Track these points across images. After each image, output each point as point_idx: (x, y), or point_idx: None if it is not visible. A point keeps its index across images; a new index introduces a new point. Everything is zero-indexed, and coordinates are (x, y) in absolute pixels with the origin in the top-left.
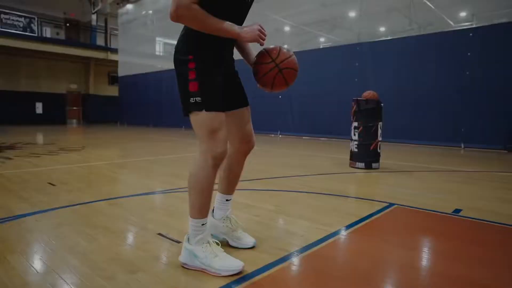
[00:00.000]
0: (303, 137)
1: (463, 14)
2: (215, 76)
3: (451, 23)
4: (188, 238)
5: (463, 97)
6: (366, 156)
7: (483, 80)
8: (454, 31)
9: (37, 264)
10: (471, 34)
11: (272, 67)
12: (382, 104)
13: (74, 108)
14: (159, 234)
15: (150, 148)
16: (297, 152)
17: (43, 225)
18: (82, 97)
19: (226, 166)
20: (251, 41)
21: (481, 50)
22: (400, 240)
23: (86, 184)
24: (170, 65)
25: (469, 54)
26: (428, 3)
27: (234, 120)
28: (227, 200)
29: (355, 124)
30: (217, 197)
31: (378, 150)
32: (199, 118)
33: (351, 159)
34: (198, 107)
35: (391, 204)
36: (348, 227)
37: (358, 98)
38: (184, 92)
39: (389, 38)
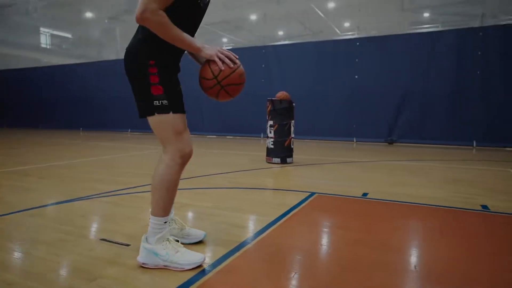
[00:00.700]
0: (208, 136)
1: (347, 24)
2: (175, 80)
3: (338, 31)
4: (147, 238)
5: (353, 98)
6: (281, 152)
7: (368, 83)
8: (345, 39)
9: None
10: (358, 43)
11: (214, 84)
12: (294, 104)
13: None
14: (103, 239)
15: (54, 152)
16: (211, 151)
17: None
18: None
19: None
20: (208, 58)
21: (366, 57)
22: (328, 222)
23: None
24: (61, 60)
25: (357, 60)
26: (319, 12)
27: None
28: None
29: (271, 122)
30: None
31: (292, 146)
32: (165, 120)
33: (267, 155)
34: (165, 109)
35: (312, 193)
36: (283, 215)
37: (273, 99)
38: (145, 95)
39: (291, 42)
